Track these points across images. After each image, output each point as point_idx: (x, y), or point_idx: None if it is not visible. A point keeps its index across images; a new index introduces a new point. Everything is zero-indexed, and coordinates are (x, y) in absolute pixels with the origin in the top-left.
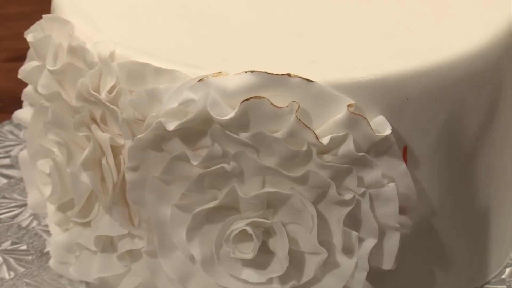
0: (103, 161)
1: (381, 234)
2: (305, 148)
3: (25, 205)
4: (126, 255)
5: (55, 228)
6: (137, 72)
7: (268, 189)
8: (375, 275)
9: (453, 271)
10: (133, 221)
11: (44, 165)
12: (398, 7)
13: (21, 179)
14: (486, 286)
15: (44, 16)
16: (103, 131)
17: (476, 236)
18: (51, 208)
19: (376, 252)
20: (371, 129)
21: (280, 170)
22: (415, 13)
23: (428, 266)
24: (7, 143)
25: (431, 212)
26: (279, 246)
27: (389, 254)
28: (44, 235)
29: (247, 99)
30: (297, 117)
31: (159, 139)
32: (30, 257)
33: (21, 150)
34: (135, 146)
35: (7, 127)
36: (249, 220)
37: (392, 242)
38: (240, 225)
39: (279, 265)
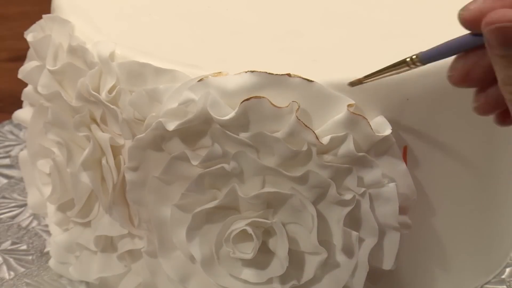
0: (103, 161)
1: (381, 234)
2: (305, 148)
3: (25, 205)
4: (126, 255)
5: (55, 228)
6: (137, 72)
7: (268, 189)
8: (375, 275)
9: (453, 271)
10: (133, 221)
11: (44, 165)
12: (398, 7)
13: (21, 179)
14: (486, 286)
15: (44, 16)
16: (103, 131)
17: (476, 236)
18: (51, 208)
19: (376, 252)
20: (371, 129)
21: (280, 170)
22: (415, 13)
23: (428, 266)
24: (7, 143)
25: (431, 212)
26: (279, 246)
27: (389, 254)
28: (44, 235)
29: (247, 99)
30: (297, 117)
31: (159, 139)
32: (30, 257)
33: (21, 150)
34: (135, 146)
35: (7, 127)
36: (249, 220)
37: (392, 242)
38: (240, 225)
39: (279, 265)
